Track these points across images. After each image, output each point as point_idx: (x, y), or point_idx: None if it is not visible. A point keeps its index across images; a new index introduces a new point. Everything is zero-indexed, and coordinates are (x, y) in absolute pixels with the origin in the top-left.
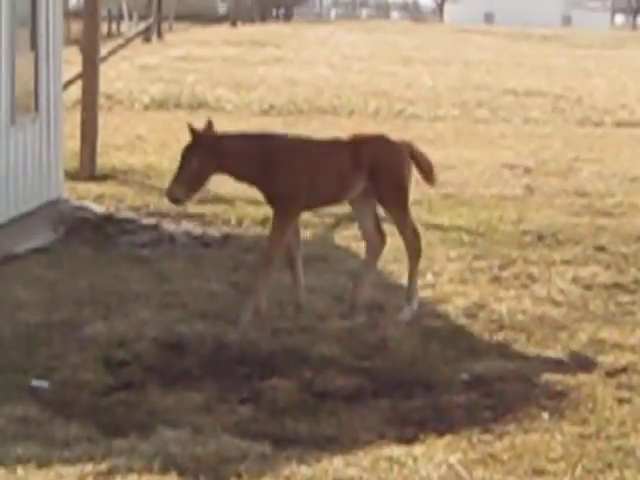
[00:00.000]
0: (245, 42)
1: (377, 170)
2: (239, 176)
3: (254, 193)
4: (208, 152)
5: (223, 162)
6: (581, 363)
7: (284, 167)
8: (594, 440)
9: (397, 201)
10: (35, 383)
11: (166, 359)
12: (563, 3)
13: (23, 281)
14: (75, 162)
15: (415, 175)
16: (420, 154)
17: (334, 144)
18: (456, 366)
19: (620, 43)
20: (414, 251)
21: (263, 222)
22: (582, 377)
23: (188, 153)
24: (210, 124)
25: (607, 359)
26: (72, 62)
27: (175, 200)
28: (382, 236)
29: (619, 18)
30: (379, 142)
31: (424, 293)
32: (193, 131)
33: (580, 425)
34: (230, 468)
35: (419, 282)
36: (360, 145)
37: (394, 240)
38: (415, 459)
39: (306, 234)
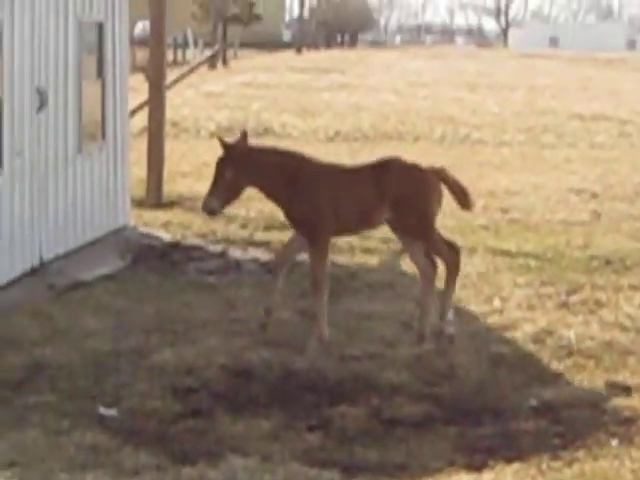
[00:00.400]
0: (310, 68)
1: (399, 200)
2: (265, 192)
3: None
4: (238, 164)
5: (252, 175)
6: None
7: (307, 192)
8: None
9: (419, 231)
10: (103, 411)
11: (234, 386)
12: (628, 27)
13: (91, 309)
14: (142, 189)
15: (485, 201)
16: (453, 181)
17: (359, 172)
18: (524, 393)
19: None
20: (452, 266)
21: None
22: None
23: (220, 165)
24: (244, 135)
25: None
26: (138, 89)
27: (210, 211)
28: (432, 261)
29: None
30: (404, 171)
31: (492, 319)
32: (223, 143)
33: None
34: None
35: (486, 308)
36: (385, 173)
37: (461, 266)
38: None
39: (373, 261)
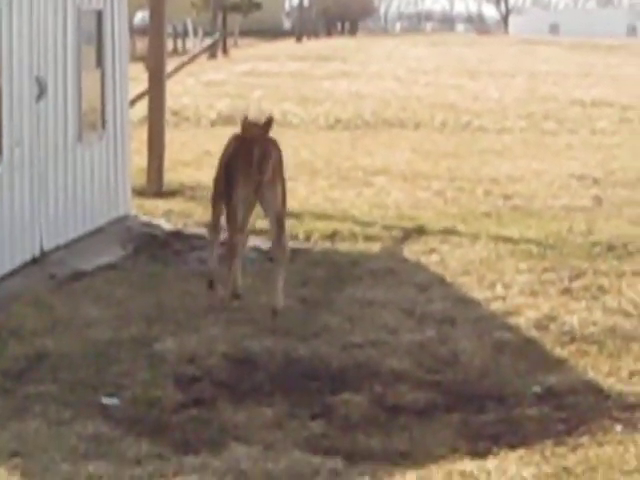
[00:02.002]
0: (310, 56)
1: None
2: None
3: (322, 208)
4: None
5: None
6: None
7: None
8: None
9: None
10: (105, 400)
11: (236, 375)
12: (628, 13)
13: (92, 298)
14: (143, 178)
15: (487, 188)
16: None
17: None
18: (528, 379)
19: None
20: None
21: (331, 236)
22: None
23: None
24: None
25: None
26: (138, 79)
27: None
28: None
29: None
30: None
31: (494, 305)
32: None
33: None
34: None
35: (489, 295)
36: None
37: (464, 252)
38: (488, 473)
39: (375, 248)
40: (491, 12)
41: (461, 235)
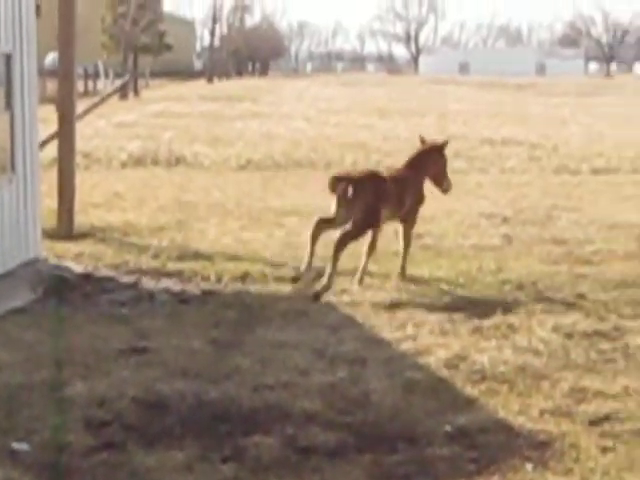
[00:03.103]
0: (222, 97)
1: None
2: None
3: (233, 249)
4: None
5: None
6: (563, 412)
7: None
8: None
9: None
10: (16, 446)
11: (147, 418)
12: (537, 51)
13: (2, 342)
14: (53, 221)
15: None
16: None
17: None
18: (439, 418)
19: (594, 90)
20: None
21: (242, 278)
22: (565, 426)
23: None
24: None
25: (589, 408)
26: (48, 120)
27: None
28: None
29: (593, 66)
30: None
31: (405, 345)
32: None
33: (564, 475)
34: None
35: (400, 335)
36: None
37: (375, 292)
38: None
39: (286, 289)
40: (401, 52)
41: (372, 275)
